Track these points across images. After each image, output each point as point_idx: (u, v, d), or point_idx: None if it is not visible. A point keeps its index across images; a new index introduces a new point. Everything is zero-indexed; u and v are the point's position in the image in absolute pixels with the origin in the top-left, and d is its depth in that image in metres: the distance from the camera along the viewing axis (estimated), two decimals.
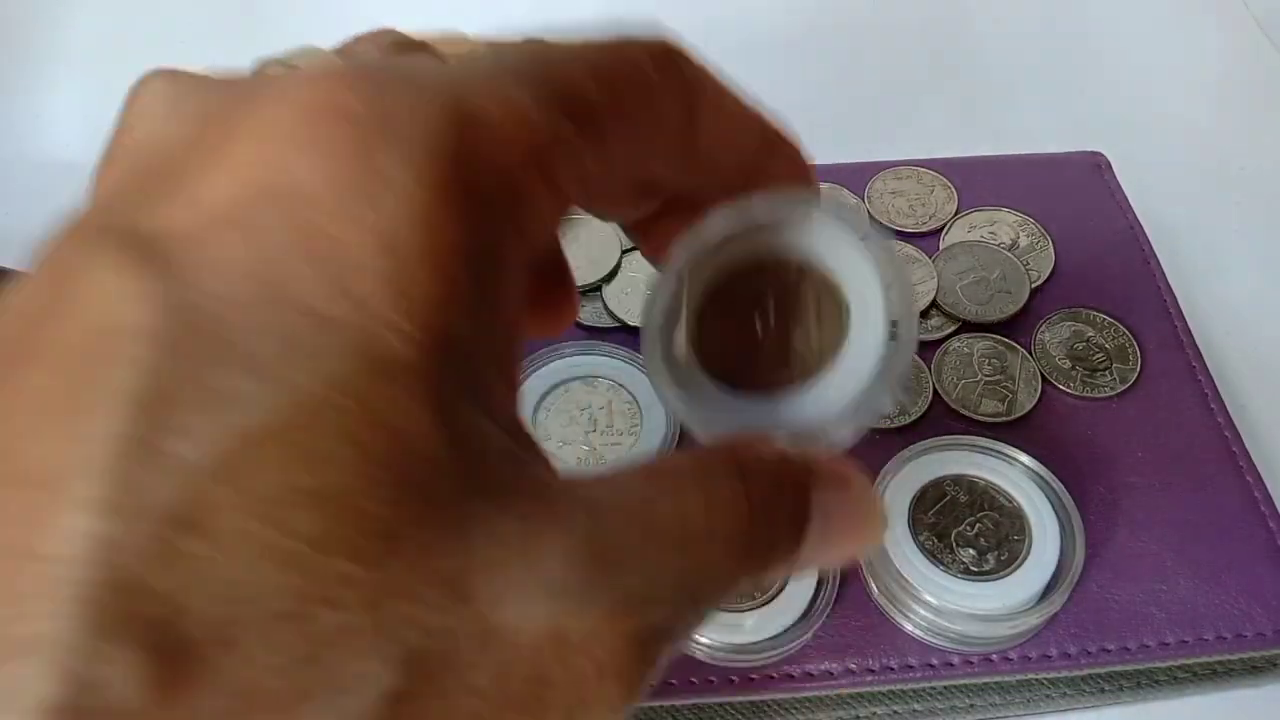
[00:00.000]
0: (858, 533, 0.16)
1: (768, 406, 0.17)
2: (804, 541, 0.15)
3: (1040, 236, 0.35)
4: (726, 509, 0.14)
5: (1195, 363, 0.32)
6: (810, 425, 0.16)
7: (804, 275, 0.17)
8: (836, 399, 0.16)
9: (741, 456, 0.15)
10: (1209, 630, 0.27)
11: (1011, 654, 0.27)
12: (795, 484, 0.15)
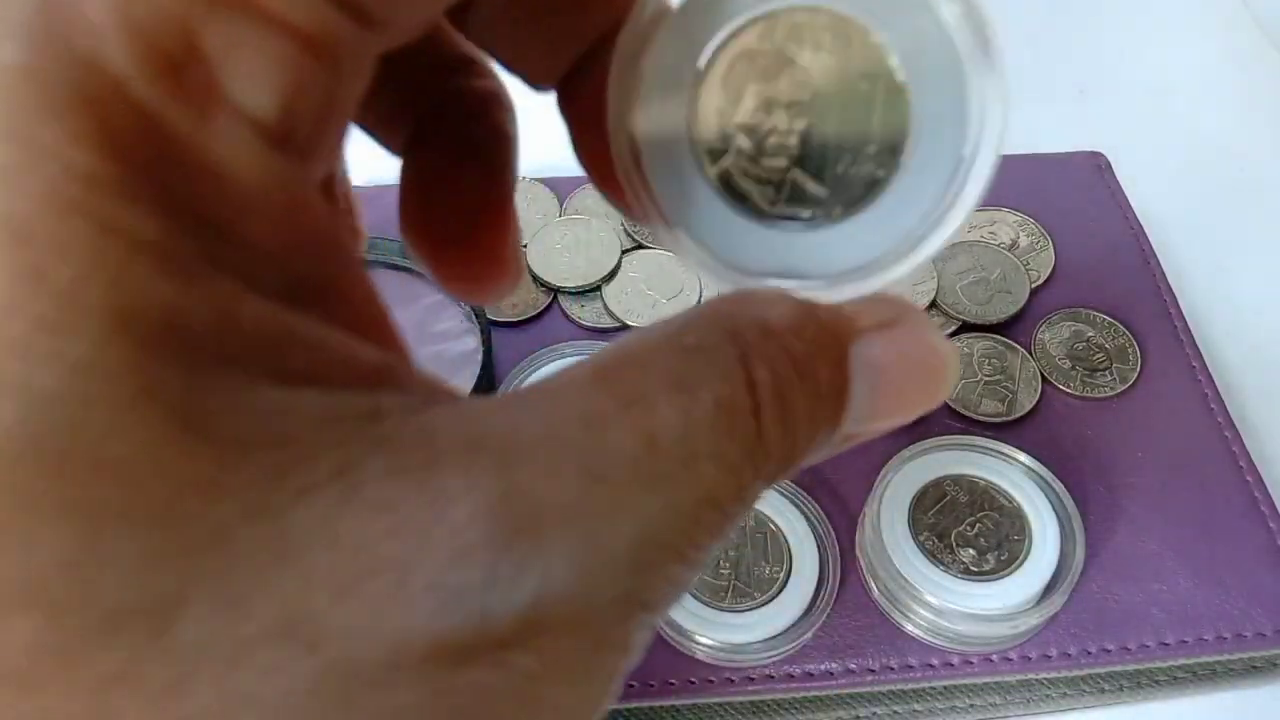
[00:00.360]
0: (921, 386, 0.13)
1: (799, 238, 0.13)
2: (846, 415, 0.12)
3: (1040, 236, 0.35)
4: (721, 415, 0.10)
5: (1195, 363, 0.32)
6: (858, 262, 0.12)
7: (857, 46, 0.12)
8: (889, 229, 0.12)
9: (742, 329, 0.11)
10: (1209, 630, 0.27)
11: (1011, 654, 0.27)
12: (828, 349, 0.12)
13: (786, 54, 0.12)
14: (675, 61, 0.12)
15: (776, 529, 0.28)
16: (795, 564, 0.27)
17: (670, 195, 0.12)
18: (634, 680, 0.26)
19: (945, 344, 0.13)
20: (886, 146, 0.12)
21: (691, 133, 0.12)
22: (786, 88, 0.12)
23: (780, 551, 0.27)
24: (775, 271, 0.13)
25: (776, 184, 0.12)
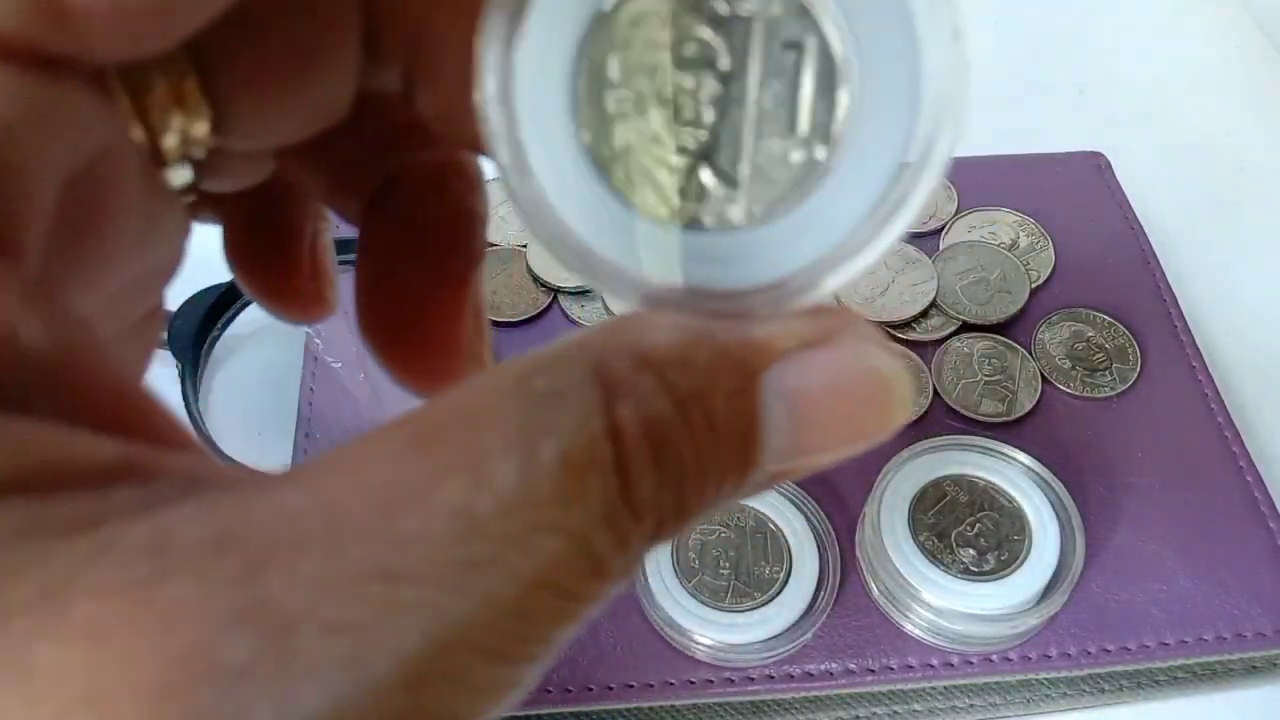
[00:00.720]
0: (861, 414, 0.10)
1: (700, 245, 0.10)
2: (762, 454, 0.10)
3: (1040, 237, 0.35)
4: (569, 474, 0.09)
5: (1195, 362, 0.32)
6: (770, 279, 0.10)
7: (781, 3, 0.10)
8: (820, 233, 0.10)
9: (610, 364, 0.09)
10: (1209, 630, 0.27)
11: (1011, 654, 0.27)
12: (727, 379, 0.10)
13: (698, 12, 0.10)
14: (560, 19, 0.10)
15: (776, 529, 0.28)
16: (795, 564, 0.27)
17: (554, 191, 0.10)
18: (633, 680, 0.26)
19: (890, 361, 0.10)
20: (818, 133, 0.10)
21: (576, 123, 0.10)
22: (692, 57, 0.10)
23: (780, 551, 0.27)
24: (679, 284, 0.10)
25: (680, 180, 0.10)
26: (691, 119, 0.10)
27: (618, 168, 0.10)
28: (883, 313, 0.33)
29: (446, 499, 0.08)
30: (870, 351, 0.10)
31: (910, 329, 0.33)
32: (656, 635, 0.26)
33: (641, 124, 0.10)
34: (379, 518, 0.08)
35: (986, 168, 0.37)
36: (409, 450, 0.09)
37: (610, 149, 0.10)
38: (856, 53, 0.10)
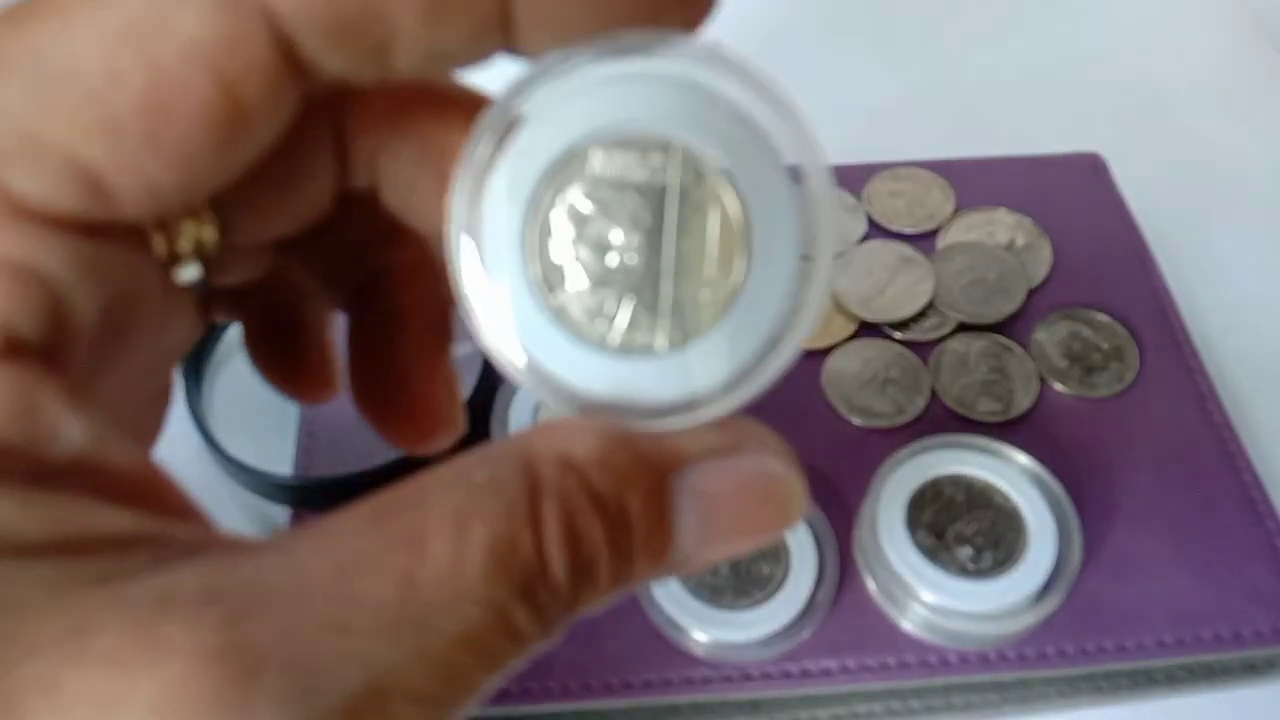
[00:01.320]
0: (760, 515, 0.12)
1: (628, 368, 0.12)
2: (673, 545, 0.12)
3: (1037, 237, 0.35)
4: (494, 554, 0.11)
5: (1192, 362, 0.32)
6: (683, 396, 0.12)
7: (689, 168, 0.12)
8: (725, 359, 0.12)
9: (538, 463, 0.11)
10: (1206, 629, 0.27)
11: (1009, 652, 0.27)
12: (641, 480, 0.12)
13: (625, 181, 0.12)
14: (513, 180, 0.12)
15: None
16: (793, 563, 0.27)
17: (504, 318, 0.12)
18: (632, 678, 0.26)
19: (787, 471, 0.13)
20: (721, 277, 0.12)
21: (526, 261, 0.12)
22: (623, 215, 0.12)
23: (778, 550, 0.27)
24: (605, 400, 0.12)
25: (611, 315, 0.12)
26: (619, 264, 0.12)
27: (559, 300, 0.12)
28: (880, 313, 0.33)
29: (392, 567, 0.10)
30: (769, 460, 0.13)
31: (907, 329, 0.33)
32: (655, 633, 0.27)
33: (579, 267, 0.12)
34: (337, 581, 0.10)
35: (984, 168, 0.38)
36: (366, 526, 0.11)
37: (553, 286, 0.12)
38: (752, 215, 0.12)
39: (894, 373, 0.32)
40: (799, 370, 0.32)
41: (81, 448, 0.11)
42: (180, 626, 0.09)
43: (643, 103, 0.12)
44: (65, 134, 0.11)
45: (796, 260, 0.12)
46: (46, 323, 0.11)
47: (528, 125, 0.12)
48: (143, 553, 0.10)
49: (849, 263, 0.34)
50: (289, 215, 0.15)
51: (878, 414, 0.31)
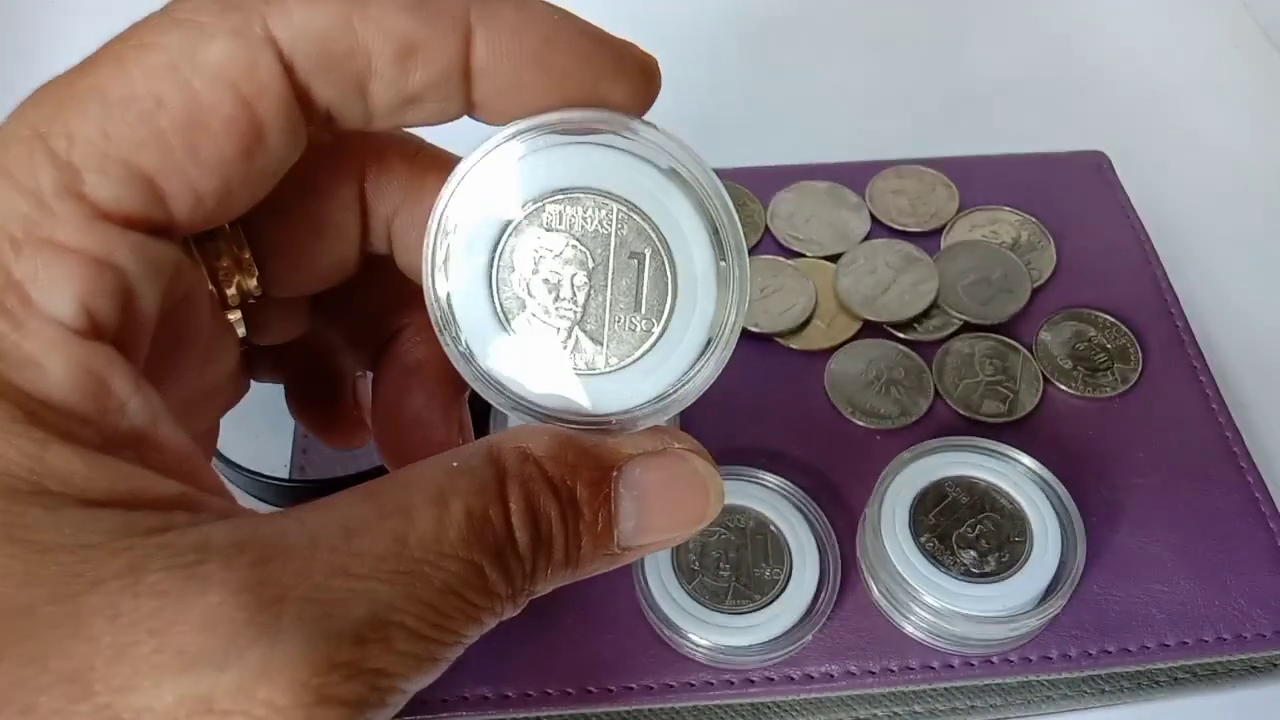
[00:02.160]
0: (686, 504, 0.15)
1: (577, 383, 0.15)
2: (616, 529, 0.15)
3: (1042, 236, 0.35)
4: (471, 522, 0.13)
5: (1197, 363, 0.32)
6: (622, 408, 0.15)
7: (625, 222, 0.15)
8: (656, 378, 0.15)
9: (503, 454, 0.14)
10: (1209, 631, 0.27)
11: (1012, 655, 0.27)
12: (587, 470, 0.15)
13: (572, 230, 0.15)
14: (479, 228, 0.15)
15: (777, 531, 0.28)
16: (795, 566, 0.27)
17: (476, 345, 0.15)
18: (633, 683, 0.26)
19: (708, 468, 0.16)
20: (653, 311, 0.15)
21: (492, 294, 0.15)
22: (571, 259, 0.15)
23: (780, 553, 0.27)
24: (556, 408, 0.15)
25: (561, 340, 0.15)
26: (568, 298, 0.15)
27: (519, 328, 0.15)
28: (883, 312, 0.33)
29: (387, 529, 0.13)
30: (693, 459, 0.16)
31: (911, 329, 0.33)
32: (656, 637, 0.26)
33: (535, 301, 0.15)
34: (342, 537, 0.13)
35: (988, 167, 0.37)
36: (364, 499, 0.13)
37: (513, 316, 0.15)
38: (678, 264, 0.15)
39: (897, 373, 0.32)
40: (802, 371, 0.32)
41: (142, 423, 0.13)
42: (216, 566, 0.12)
43: (590, 167, 0.15)
44: (127, 149, 0.13)
45: (713, 301, 0.15)
46: (120, 309, 0.14)
47: (491, 183, 0.15)
48: (183, 513, 0.13)
49: (852, 261, 0.34)
50: (319, 272, 0.18)
51: (881, 415, 0.31)
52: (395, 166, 0.18)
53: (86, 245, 0.13)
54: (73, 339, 0.13)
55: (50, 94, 0.14)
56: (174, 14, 0.14)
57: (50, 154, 0.13)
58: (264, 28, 0.14)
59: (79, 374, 0.13)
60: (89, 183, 0.13)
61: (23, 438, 0.12)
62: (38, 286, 0.13)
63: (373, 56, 0.14)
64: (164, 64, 0.14)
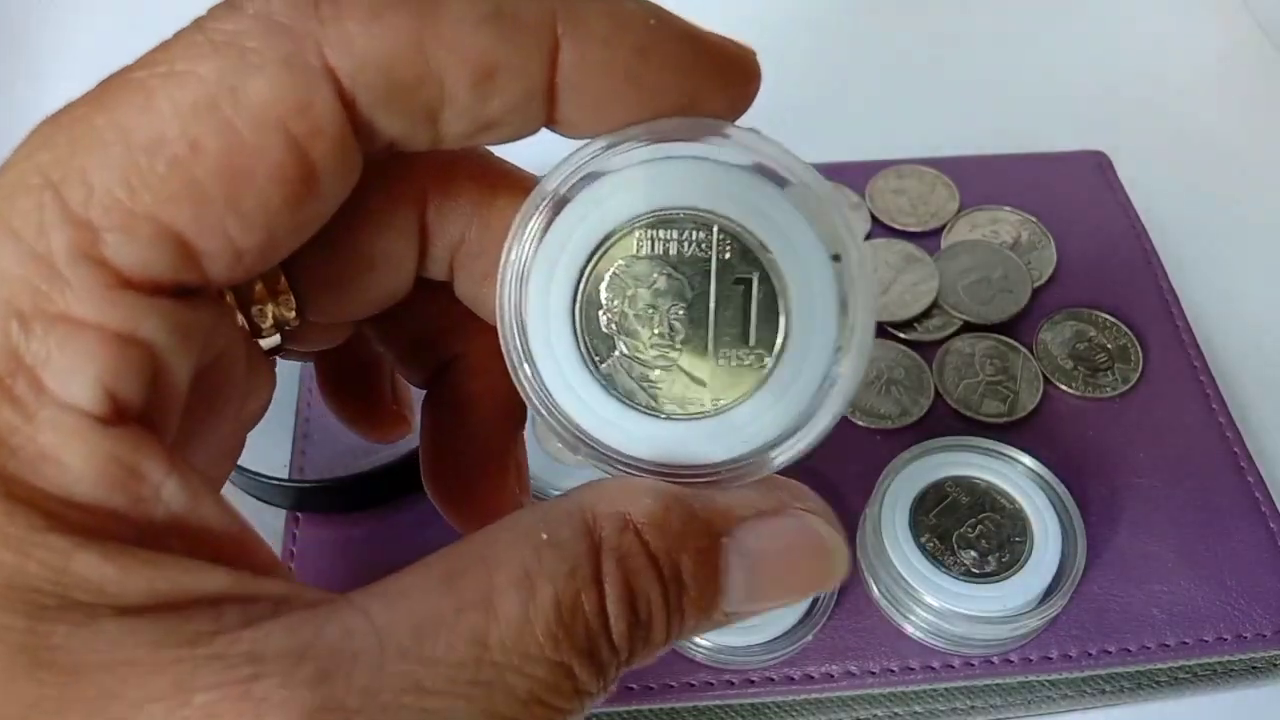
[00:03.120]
0: (805, 573, 0.13)
1: (677, 430, 0.13)
2: (721, 600, 0.13)
3: (1042, 235, 0.35)
4: (559, 613, 0.11)
5: (1197, 363, 0.32)
6: (731, 457, 0.13)
7: (727, 244, 0.13)
8: (770, 420, 0.13)
9: (600, 523, 0.12)
10: (1209, 631, 0.27)
11: (1012, 656, 0.27)
12: (694, 539, 0.12)
13: (668, 256, 0.13)
14: (561, 256, 0.13)
15: None
16: None
17: (558, 389, 0.13)
18: (633, 683, 0.26)
19: (831, 533, 0.14)
20: (764, 345, 0.13)
21: (576, 332, 0.13)
22: (667, 289, 0.13)
23: None
24: (658, 461, 0.13)
25: (659, 380, 0.13)
26: (665, 333, 0.13)
27: (609, 371, 0.13)
28: (884, 312, 0.33)
29: (465, 628, 0.11)
30: (815, 521, 0.13)
31: (911, 329, 0.33)
32: None
33: (626, 338, 0.13)
34: (415, 642, 0.11)
35: (988, 166, 0.37)
36: (440, 586, 0.12)
37: (603, 356, 0.13)
38: (790, 286, 0.13)
39: (898, 373, 0.32)
40: None
41: (181, 507, 0.12)
42: (274, 684, 0.10)
43: (685, 184, 0.13)
44: (154, 204, 0.11)
45: (835, 328, 0.13)
46: (147, 386, 0.12)
47: (574, 206, 0.13)
48: (234, 610, 0.11)
49: None
50: (367, 300, 0.16)
51: (881, 415, 0.31)
52: (463, 188, 0.15)
53: (106, 319, 0.11)
54: (94, 427, 0.11)
55: (63, 131, 0.12)
56: (212, 34, 0.12)
57: (63, 208, 0.11)
58: (320, 56, 0.12)
59: (104, 465, 0.11)
60: (110, 244, 0.11)
61: (42, 547, 0.11)
62: (52, 370, 0.11)
63: (446, 82, 0.12)
64: (201, 99, 0.11)
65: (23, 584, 0.10)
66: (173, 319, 0.12)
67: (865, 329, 0.13)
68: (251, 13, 0.12)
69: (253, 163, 0.12)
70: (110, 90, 0.12)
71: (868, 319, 0.13)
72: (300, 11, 0.12)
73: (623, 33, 0.12)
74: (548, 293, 0.13)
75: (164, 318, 0.12)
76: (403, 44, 0.12)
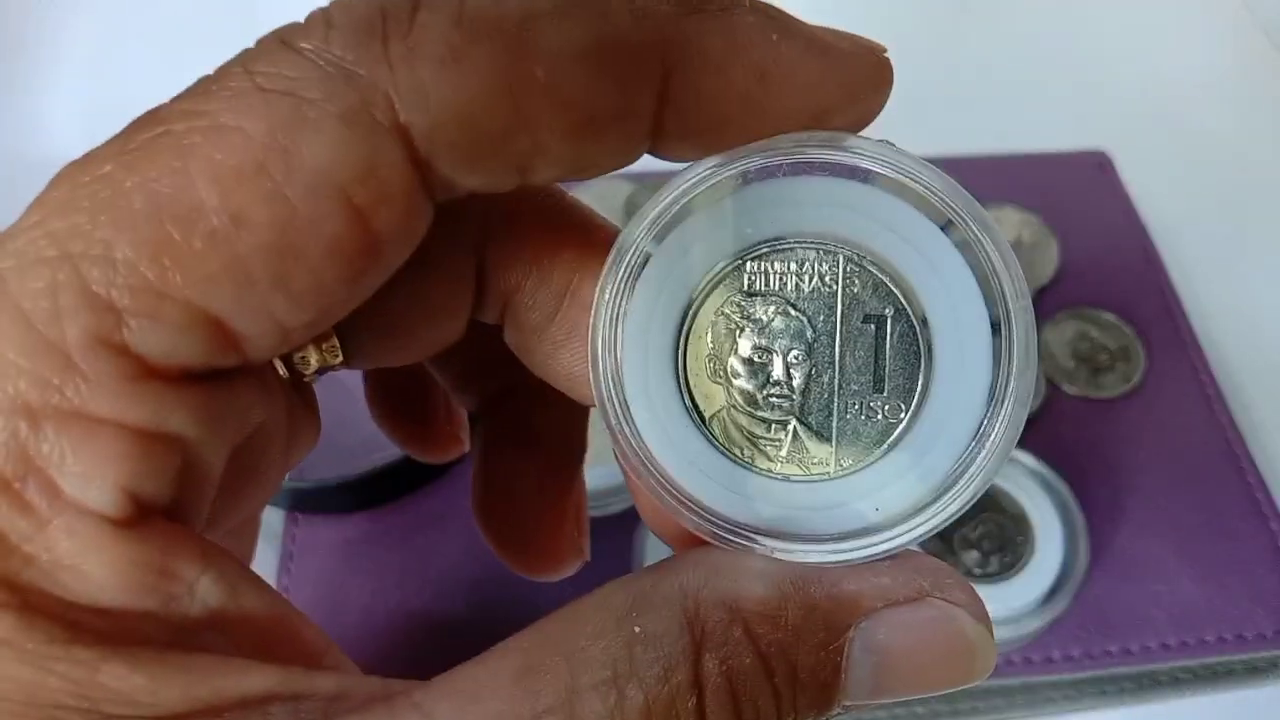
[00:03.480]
0: (941, 672, 0.11)
1: (794, 493, 0.11)
2: (840, 697, 0.11)
3: (1044, 235, 0.35)
4: (650, 718, 0.10)
5: (1198, 363, 0.32)
6: (859, 528, 0.11)
7: (855, 275, 0.11)
8: (906, 486, 0.11)
9: (704, 613, 0.10)
10: (1210, 632, 0.27)
11: (1014, 656, 0.27)
12: (814, 634, 0.11)
13: (784, 292, 0.11)
14: (660, 298, 0.11)
15: None
16: None
17: (659, 446, 0.11)
18: None
19: (976, 628, 0.11)
20: (900, 395, 0.11)
21: (679, 380, 0.11)
22: (783, 330, 0.11)
23: None
24: (771, 529, 0.11)
25: (774, 437, 0.11)
26: (782, 381, 0.11)
27: (717, 426, 0.11)
28: None
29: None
30: (957, 614, 0.11)
31: None
32: None
33: (737, 388, 0.11)
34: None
35: (990, 165, 0.37)
36: (515, 686, 0.10)
37: (710, 410, 0.11)
38: (934, 325, 0.11)
39: None
40: None
41: (219, 601, 0.11)
42: None
43: (804, 207, 0.11)
44: (188, 285, 0.10)
45: (988, 370, 0.10)
46: (175, 481, 0.11)
47: (674, 237, 0.11)
48: (281, 713, 0.10)
49: None
50: (417, 346, 0.14)
51: None
52: (526, 234, 0.13)
53: (127, 415, 0.10)
54: (116, 532, 0.10)
55: (84, 193, 0.10)
56: (260, 79, 0.10)
57: (82, 289, 0.10)
58: (389, 110, 0.10)
59: (129, 570, 0.10)
60: (134, 331, 0.10)
61: (65, 660, 0.10)
62: (66, 474, 0.10)
63: (540, 133, 0.10)
64: (247, 163, 0.10)
65: (46, 700, 0.10)
66: (205, 408, 0.11)
67: (1024, 369, 0.10)
68: (310, 54, 0.10)
69: (306, 238, 0.10)
70: (141, 144, 0.10)
71: (1026, 356, 0.10)
72: (366, 52, 0.10)
73: (741, 54, 0.11)
74: (646, 334, 0.11)
75: (195, 408, 0.11)
76: (488, 91, 0.10)
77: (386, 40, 0.10)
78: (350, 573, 0.28)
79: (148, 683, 0.10)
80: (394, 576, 0.27)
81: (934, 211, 0.11)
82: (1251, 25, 0.47)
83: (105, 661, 0.10)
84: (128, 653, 0.10)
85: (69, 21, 0.46)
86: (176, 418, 0.10)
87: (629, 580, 0.11)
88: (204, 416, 0.11)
